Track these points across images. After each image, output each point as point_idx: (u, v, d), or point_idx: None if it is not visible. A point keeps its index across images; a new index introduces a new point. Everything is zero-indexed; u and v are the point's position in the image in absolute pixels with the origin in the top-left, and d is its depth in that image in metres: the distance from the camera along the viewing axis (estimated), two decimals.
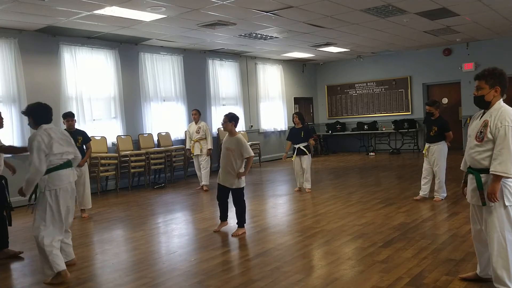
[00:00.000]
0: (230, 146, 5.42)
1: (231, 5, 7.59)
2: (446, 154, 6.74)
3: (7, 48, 8.20)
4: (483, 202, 3.18)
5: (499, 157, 3.06)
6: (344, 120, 15.97)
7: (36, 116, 4.25)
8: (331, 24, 9.63)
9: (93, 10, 7.36)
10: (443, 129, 6.65)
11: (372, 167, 11.46)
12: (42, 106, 4.33)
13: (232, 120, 5.50)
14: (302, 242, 5.02)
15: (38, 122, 4.23)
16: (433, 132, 6.67)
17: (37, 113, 4.27)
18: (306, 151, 8.02)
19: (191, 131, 9.24)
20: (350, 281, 3.75)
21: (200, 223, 6.25)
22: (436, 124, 6.67)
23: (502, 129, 3.08)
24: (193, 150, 9.12)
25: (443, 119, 6.81)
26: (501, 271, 3.14)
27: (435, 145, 6.66)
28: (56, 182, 4.11)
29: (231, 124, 5.49)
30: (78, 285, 4.02)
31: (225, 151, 5.47)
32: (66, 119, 6.92)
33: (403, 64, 14.65)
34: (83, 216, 6.96)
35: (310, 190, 8.11)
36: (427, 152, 6.77)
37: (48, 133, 4.15)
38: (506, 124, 3.07)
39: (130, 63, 10.35)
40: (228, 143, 5.49)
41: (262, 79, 14.27)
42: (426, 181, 6.85)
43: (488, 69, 3.25)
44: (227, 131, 5.56)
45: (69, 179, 4.24)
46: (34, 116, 4.26)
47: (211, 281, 3.91)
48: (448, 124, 6.76)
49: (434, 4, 8.44)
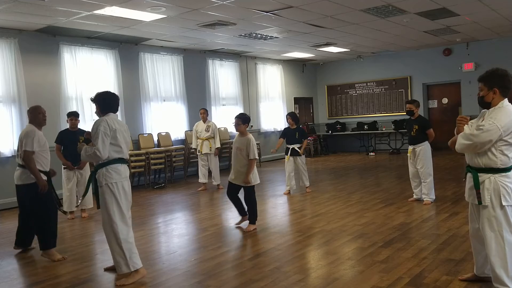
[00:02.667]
0: (240, 146, 5.64)
1: (231, 5, 7.59)
2: (430, 155, 6.61)
3: (7, 48, 8.20)
4: (479, 201, 3.20)
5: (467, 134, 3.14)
6: (344, 120, 15.97)
7: (104, 104, 4.15)
8: (331, 24, 9.63)
9: (93, 10, 7.36)
10: (424, 127, 6.56)
11: (372, 167, 11.46)
12: (111, 94, 4.25)
13: (245, 122, 5.78)
14: (302, 242, 5.02)
15: (105, 110, 4.14)
16: (414, 132, 6.60)
17: (105, 100, 4.17)
18: (300, 152, 7.95)
19: (199, 130, 9.22)
20: (350, 281, 3.75)
21: (200, 223, 6.25)
22: (416, 123, 6.62)
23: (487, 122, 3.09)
24: (202, 149, 9.10)
25: (423, 117, 6.82)
26: (499, 270, 3.14)
27: (418, 146, 6.56)
28: (115, 176, 4.03)
29: (244, 126, 5.76)
30: (78, 285, 4.02)
31: (236, 150, 5.71)
32: (70, 118, 6.89)
33: (403, 64, 14.65)
34: (83, 216, 6.97)
35: (310, 190, 8.10)
36: (411, 155, 6.66)
37: (114, 122, 4.08)
38: (492, 122, 3.08)
39: (130, 63, 10.35)
40: (238, 142, 5.72)
41: (262, 79, 14.27)
42: (416, 184, 6.78)
43: (489, 70, 3.26)
44: (240, 132, 5.78)
45: (126, 174, 4.16)
46: (101, 104, 4.16)
47: (211, 281, 3.91)
48: (428, 122, 6.76)
49: (434, 4, 8.44)
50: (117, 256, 3.99)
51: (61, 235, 5.95)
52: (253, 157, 5.59)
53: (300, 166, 8.02)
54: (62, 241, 5.64)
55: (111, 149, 4.01)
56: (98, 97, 4.18)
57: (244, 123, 5.73)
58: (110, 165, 4.02)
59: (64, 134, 6.89)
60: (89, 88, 9.41)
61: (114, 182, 4.01)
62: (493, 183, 3.15)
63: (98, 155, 3.92)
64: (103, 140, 3.93)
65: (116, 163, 4.05)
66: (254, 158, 5.61)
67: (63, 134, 6.89)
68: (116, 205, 3.99)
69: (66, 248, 5.25)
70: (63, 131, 7.06)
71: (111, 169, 4.01)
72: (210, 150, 9.04)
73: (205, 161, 9.15)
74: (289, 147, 8.05)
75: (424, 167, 6.53)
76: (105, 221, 4.02)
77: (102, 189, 4.01)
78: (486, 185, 3.17)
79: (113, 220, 3.96)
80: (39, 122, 4.97)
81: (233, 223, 5.98)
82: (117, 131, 4.04)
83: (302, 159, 8.06)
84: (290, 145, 8.05)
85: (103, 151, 3.93)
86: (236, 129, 5.83)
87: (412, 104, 6.73)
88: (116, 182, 4.01)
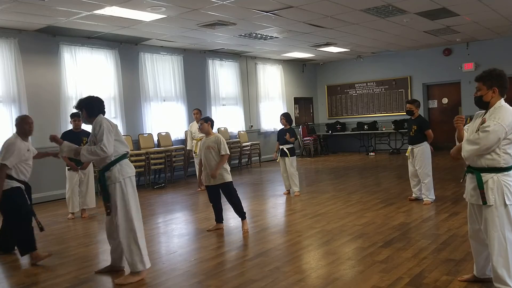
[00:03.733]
0: (211, 144, 5.58)
1: (231, 5, 7.59)
2: (430, 155, 6.60)
3: (7, 48, 8.20)
4: (483, 201, 3.19)
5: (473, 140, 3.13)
6: (344, 120, 15.97)
7: (92, 108, 4.15)
8: (331, 24, 9.63)
9: (93, 10, 7.36)
10: (422, 128, 6.55)
11: (372, 167, 11.46)
12: (96, 97, 4.24)
13: (208, 121, 5.74)
14: (302, 242, 5.02)
15: (94, 113, 4.13)
16: (413, 132, 6.60)
17: (93, 104, 4.17)
18: (288, 153, 7.78)
19: (193, 130, 9.22)
20: (350, 281, 3.75)
21: (200, 223, 6.24)
22: (415, 123, 6.62)
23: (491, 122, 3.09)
24: (196, 149, 9.10)
25: (422, 118, 6.81)
26: (501, 270, 3.14)
27: (417, 147, 6.55)
28: (129, 170, 4.08)
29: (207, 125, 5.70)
30: (78, 285, 4.02)
31: (205, 150, 5.59)
32: (74, 119, 6.86)
33: (403, 64, 14.66)
34: (83, 216, 6.97)
35: (299, 194, 7.85)
36: (410, 155, 6.65)
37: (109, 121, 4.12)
38: (497, 121, 3.08)
39: (130, 63, 10.35)
40: (207, 142, 5.64)
41: (262, 79, 14.27)
42: (414, 183, 6.77)
43: (486, 70, 3.28)
44: (206, 132, 5.72)
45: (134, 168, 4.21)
46: (89, 109, 4.14)
47: (211, 281, 3.91)
48: (427, 123, 6.75)
49: (434, 4, 8.44)
50: (134, 254, 3.98)
51: (60, 235, 5.97)
52: (224, 153, 5.52)
53: (289, 168, 7.80)
54: (62, 241, 5.65)
55: (117, 144, 4.05)
56: (84, 103, 4.18)
57: (207, 122, 5.71)
58: (121, 160, 4.06)
59: (67, 135, 6.84)
60: (89, 88, 9.41)
61: (131, 175, 4.08)
62: (496, 182, 3.15)
63: (104, 151, 3.90)
64: (108, 136, 3.95)
65: (125, 158, 4.12)
66: (226, 154, 5.54)
67: (67, 135, 6.85)
68: (133, 199, 4.06)
69: (66, 248, 5.25)
70: (67, 132, 7.03)
71: (124, 163, 4.07)
72: None
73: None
74: (281, 147, 7.97)
75: (422, 168, 6.51)
76: (122, 219, 3.99)
77: (120, 185, 3.99)
78: (489, 185, 3.17)
79: (131, 217, 4.00)
80: (25, 132, 4.93)
81: (233, 223, 5.97)
82: (115, 127, 4.11)
83: (292, 161, 7.80)
84: (281, 146, 7.97)
85: (109, 147, 3.93)
86: (200, 130, 5.85)
87: (412, 104, 6.72)
88: (131, 176, 4.08)
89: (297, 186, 7.91)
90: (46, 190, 8.33)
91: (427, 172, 6.53)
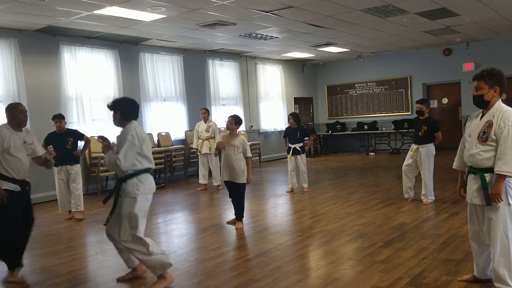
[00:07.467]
0: (236, 144, 5.69)
1: (231, 5, 7.59)
2: (433, 156, 6.57)
3: (7, 48, 8.20)
4: (488, 202, 3.18)
5: (504, 156, 3.08)
6: (344, 120, 15.96)
7: (127, 111, 3.83)
8: (331, 24, 9.63)
9: (93, 10, 7.36)
10: (432, 129, 6.48)
11: (372, 167, 11.46)
12: (132, 100, 3.93)
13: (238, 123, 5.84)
14: (302, 242, 5.02)
15: (128, 117, 3.82)
16: (422, 132, 6.50)
17: (128, 106, 3.85)
18: (301, 151, 8.14)
19: (200, 130, 9.22)
20: (350, 281, 3.75)
21: (200, 223, 6.25)
22: (425, 124, 6.52)
23: (506, 129, 3.10)
24: (201, 149, 9.11)
25: (433, 119, 6.71)
26: (502, 270, 3.15)
27: (423, 147, 6.48)
28: (147, 187, 3.80)
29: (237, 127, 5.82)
30: (78, 285, 4.02)
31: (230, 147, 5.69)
32: (55, 121, 6.71)
33: (403, 64, 14.65)
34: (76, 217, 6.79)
35: (308, 190, 8.15)
36: (415, 154, 6.58)
37: (141, 131, 3.82)
38: (509, 124, 3.10)
39: (130, 63, 10.34)
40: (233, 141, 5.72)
41: (262, 79, 14.27)
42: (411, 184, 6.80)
43: (486, 69, 3.28)
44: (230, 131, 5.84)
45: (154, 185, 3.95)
46: (123, 111, 3.81)
47: (211, 281, 3.91)
48: (438, 124, 6.60)
49: (434, 4, 8.44)
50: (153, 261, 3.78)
51: (60, 235, 5.97)
52: (250, 155, 5.73)
53: (300, 165, 8.15)
54: (62, 241, 5.65)
55: (140, 158, 3.75)
56: (118, 104, 3.84)
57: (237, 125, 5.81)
58: (141, 175, 3.77)
59: (52, 137, 6.79)
60: (89, 88, 9.42)
61: (148, 193, 3.81)
62: None
63: (118, 165, 3.63)
64: (127, 150, 3.66)
65: (146, 172, 3.82)
66: (250, 156, 5.76)
67: (51, 137, 6.79)
68: (143, 217, 3.81)
69: (66, 248, 5.25)
70: (51, 133, 6.86)
71: (143, 179, 3.78)
72: (209, 150, 9.03)
73: (205, 162, 9.15)
74: (291, 146, 8.20)
75: (425, 168, 6.50)
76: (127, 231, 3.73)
77: (131, 200, 3.73)
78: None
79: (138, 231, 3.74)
80: (19, 122, 4.25)
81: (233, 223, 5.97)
82: (145, 140, 3.80)
83: (303, 158, 8.19)
84: (292, 145, 8.20)
85: (125, 162, 3.64)
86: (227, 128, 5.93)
87: (423, 104, 6.58)
88: (148, 194, 3.82)
89: (307, 182, 8.25)
90: (46, 190, 8.32)
91: (430, 172, 6.54)
